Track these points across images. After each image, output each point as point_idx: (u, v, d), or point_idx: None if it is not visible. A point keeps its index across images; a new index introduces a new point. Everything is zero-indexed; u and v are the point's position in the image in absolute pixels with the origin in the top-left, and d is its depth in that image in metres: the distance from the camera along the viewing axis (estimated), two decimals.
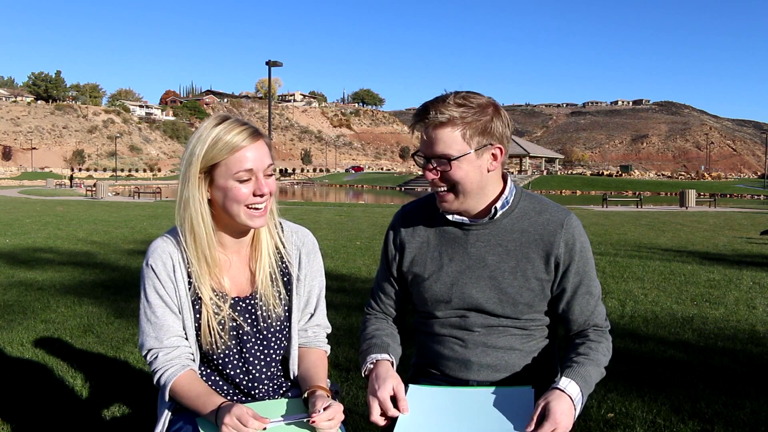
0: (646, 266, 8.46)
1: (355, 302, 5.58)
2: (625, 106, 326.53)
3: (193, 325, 1.63)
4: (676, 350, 4.36)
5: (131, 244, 10.73)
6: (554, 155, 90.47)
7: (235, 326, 1.65)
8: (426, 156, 1.58)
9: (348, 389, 3.45)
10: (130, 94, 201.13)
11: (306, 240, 1.78)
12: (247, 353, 1.66)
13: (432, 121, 1.54)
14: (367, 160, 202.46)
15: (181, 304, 1.62)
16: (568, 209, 1.70)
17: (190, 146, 1.56)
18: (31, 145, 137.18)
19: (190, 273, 1.63)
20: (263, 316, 1.67)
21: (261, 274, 1.67)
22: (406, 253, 1.75)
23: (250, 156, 1.55)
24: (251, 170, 1.55)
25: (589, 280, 1.66)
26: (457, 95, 1.56)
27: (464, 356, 1.68)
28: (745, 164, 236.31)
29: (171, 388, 1.57)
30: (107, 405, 3.20)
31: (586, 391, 1.55)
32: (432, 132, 1.54)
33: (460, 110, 1.53)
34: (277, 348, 1.71)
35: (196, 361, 1.65)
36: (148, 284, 1.62)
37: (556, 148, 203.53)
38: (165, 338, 1.60)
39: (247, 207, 1.58)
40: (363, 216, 19.82)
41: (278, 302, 1.69)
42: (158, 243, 1.66)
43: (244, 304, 1.67)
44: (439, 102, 1.55)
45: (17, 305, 5.65)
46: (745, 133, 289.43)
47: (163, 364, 1.59)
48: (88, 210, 21.88)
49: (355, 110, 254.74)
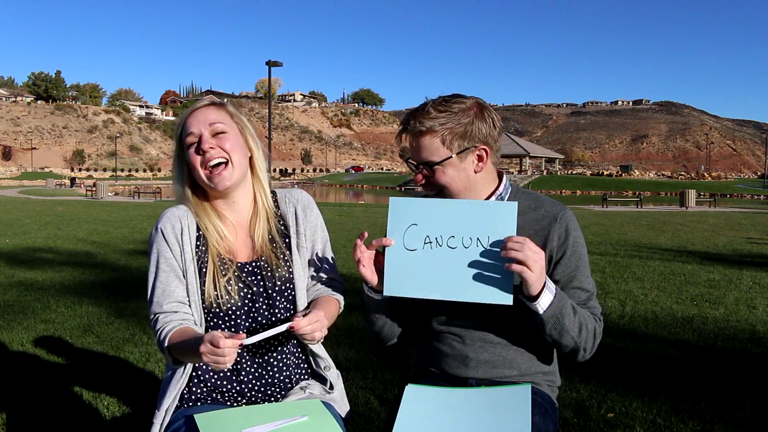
0: (646, 266, 8.46)
1: (356, 302, 5.52)
2: (625, 106, 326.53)
3: (198, 289, 1.65)
4: (676, 350, 4.36)
5: (131, 244, 10.73)
6: (554, 155, 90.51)
7: (243, 287, 1.67)
8: (414, 162, 1.65)
9: (348, 389, 3.44)
10: (130, 94, 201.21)
11: (300, 197, 1.83)
12: (255, 313, 1.68)
13: (412, 130, 1.60)
14: (367, 160, 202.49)
15: (186, 268, 1.65)
16: (564, 205, 1.71)
17: None
18: (31, 145, 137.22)
19: (200, 237, 1.69)
20: (269, 277, 1.69)
21: (260, 240, 1.71)
22: None
23: (194, 120, 1.66)
24: (193, 132, 1.64)
25: (581, 275, 1.64)
26: (437, 102, 1.61)
27: (463, 352, 1.69)
28: (745, 164, 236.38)
29: (168, 343, 1.58)
30: (107, 405, 3.20)
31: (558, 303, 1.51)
32: (414, 140, 1.62)
33: (439, 117, 1.58)
34: (284, 309, 1.72)
35: (198, 324, 1.65)
36: (155, 248, 1.67)
37: (556, 148, 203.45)
38: (165, 303, 1.63)
39: (205, 169, 1.65)
40: (363, 216, 19.82)
41: (282, 263, 1.72)
42: (170, 209, 1.72)
43: (250, 267, 1.70)
44: (419, 111, 1.61)
45: (17, 305, 5.65)
46: (745, 133, 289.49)
47: (162, 324, 1.62)
48: (88, 210, 21.88)
49: (355, 110, 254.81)
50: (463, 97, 1.63)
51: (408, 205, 1.55)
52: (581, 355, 1.61)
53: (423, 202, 1.55)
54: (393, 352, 4.09)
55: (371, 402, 3.29)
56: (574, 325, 1.54)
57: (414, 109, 1.63)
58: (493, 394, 1.58)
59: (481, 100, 1.65)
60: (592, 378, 3.59)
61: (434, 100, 1.63)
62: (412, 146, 1.63)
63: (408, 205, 1.55)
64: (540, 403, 1.62)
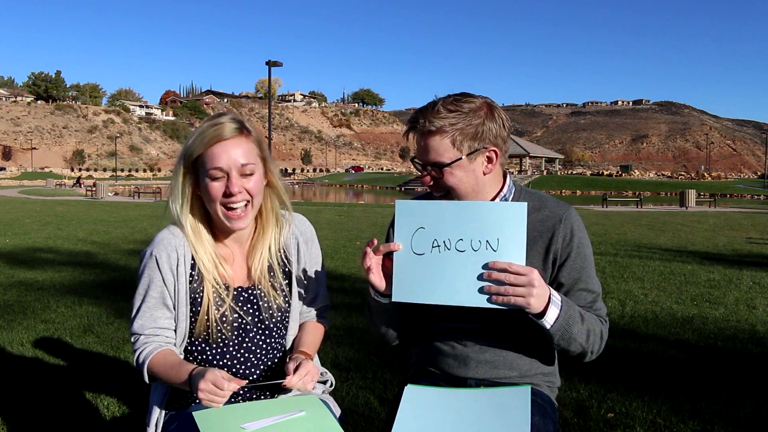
0: (646, 266, 8.46)
1: (356, 302, 5.57)
2: (625, 106, 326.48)
3: (187, 318, 1.63)
4: (676, 350, 4.36)
5: (131, 244, 10.72)
6: (554, 155, 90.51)
7: (237, 317, 1.65)
8: (421, 162, 1.60)
9: (348, 389, 3.45)
10: (130, 94, 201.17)
11: (304, 229, 1.79)
12: (249, 342, 1.66)
13: (421, 129, 1.55)
14: (367, 160, 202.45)
15: (178, 300, 1.62)
16: (569, 205, 1.69)
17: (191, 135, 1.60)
18: (31, 145, 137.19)
19: (194, 266, 1.63)
20: (264, 307, 1.67)
21: (257, 269, 1.67)
22: None
23: (223, 153, 1.53)
24: (221, 168, 1.53)
25: (587, 276, 1.62)
26: (447, 101, 1.55)
27: (463, 353, 1.68)
28: (745, 164, 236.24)
29: (148, 365, 1.58)
30: (107, 405, 3.20)
31: (565, 315, 1.49)
32: (422, 140, 1.56)
33: (449, 117, 1.53)
34: (278, 337, 1.72)
35: (178, 346, 1.65)
36: (147, 273, 1.61)
37: (556, 148, 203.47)
38: (148, 327, 1.61)
39: (223, 206, 1.57)
40: (363, 216, 19.81)
41: (278, 294, 1.70)
42: (164, 234, 1.63)
43: (246, 294, 1.67)
44: (428, 110, 1.54)
45: (17, 305, 5.65)
46: (745, 133, 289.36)
47: (142, 345, 1.61)
48: (88, 210, 21.88)
49: (355, 110, 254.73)
50: (473, 96, 1.58)
51: (415, 208, 1.50)
52: (588, 358, 1.60)
53: (430, 205, 1.50)
54: (393, 352, 4.09)
55: (371, 402, 3.28)
56: (582, 333, 1.53)
57: (423, 108, 1.57)
58: (492, 394, 1.58)
59: (489, 99, 1.61)
60: (592, 378, 3.59)
61: (444, 98, 1.57)
62: (420, 146, 1.58)
63: (415, 208, 1.50)
64: (540, 404, 1.61)
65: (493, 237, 1.44)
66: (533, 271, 1.42)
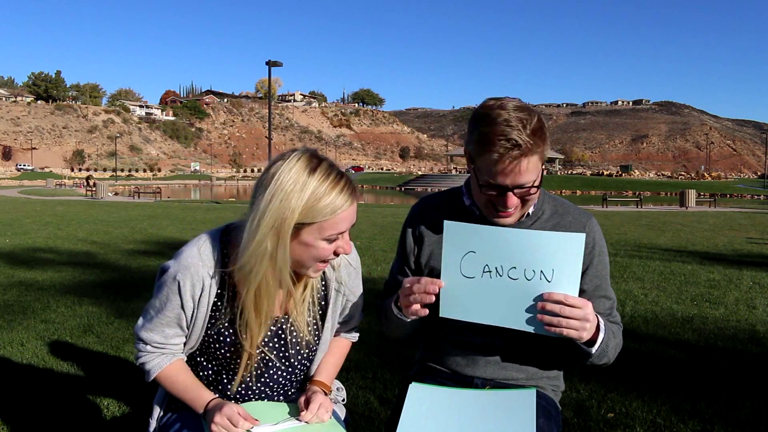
0: (646, 266, 8.46)
1: None
2: (625, 106, 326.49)
3: (200, 335, 1.55)
4: (676, 350, 4.36)
5: (131, 244, 10.72)
6: (554, 155, 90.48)
7: (259, 352, 1.56)
8: (510, 186, 1.47)
9: (348, 389, 3.44)
10: (130, 94, 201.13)
11: (351, 258, 1.66)
12: (268, 379, 1.60)
13: (526, 150, 1.44)
14: (367, 160, 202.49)
15: (193, 326, 1.53)
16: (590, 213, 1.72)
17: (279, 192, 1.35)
18: (31, 145, 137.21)
19: (220, 296, 1.52)
20: (292, 343, 1.58)
21: (297, 297, 1.56)
22: (424, 246, 1.72)
23: (348, 217, 1.42)
24: (341, 230, 1.43)
25: (606, 283, 1.66)
26: (532, 118, 1.45)
27: (474, 352, 1.68)
28: (745, 164, 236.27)
29: (159, 375, 1.55)
30: (107, 405, 3.20)
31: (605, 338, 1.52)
32: (520, 162, 1.44)
33: (542, 134, 1.47)
34: (300, 374, 1.65)
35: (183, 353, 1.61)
36: (166, 292, 1.49)
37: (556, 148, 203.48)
38: (157, 342, 1.54)
39: (320, 262, 1.46)
40: (363, 216, 19.81)
41: (310, 329, 1.60)
42: (193, 260, 1.48)
43: (275, 328, 1.57)
44: (524, 128, 1.43)
45: (17, 305, 5.65)
46: (745, 133, 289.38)
47: (150, 354, 1.55)
48: (88, 210, 21.87)
49: (355, 110, 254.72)
50: (531, 108, 1.53)
51: (464, 231, 1.47)
52: (605, 365, 1.63)
53: (481, 230, 1.47)
54: (393, 351, 4.09)
55: (371, 402, 3.28)
56: (613, 349, 1.57)
57: (515, 126, 1.42)
58: (498, 396, 1.58)
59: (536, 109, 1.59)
60: (592, 378, 3.59)
61: (520, 114, 1.44)
62: (516, 168, 1.44)
63: (464, 231, 1.47)
64: (545, 407, 1.62)
65: (548, 267, 1.42)
66: (588, 304, 1.43)
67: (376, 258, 9.04)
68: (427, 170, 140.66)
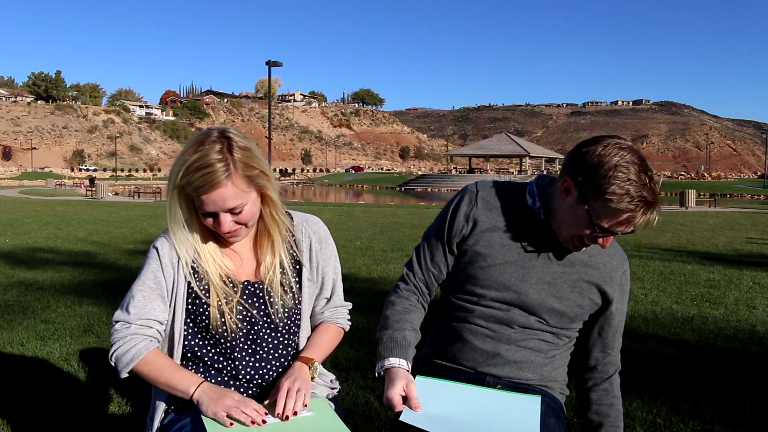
0: (646, 266, 8.46)
1: (355, 302, 5.52)
2: (625, 106, 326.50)
3: (182, 313, 1.62)
4: (676, 350, 4.36)
5: (131, 244, 10.73)
6: (554, 155, 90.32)
7: (242, 309, 1.63)
8: (618, 233, 1.53)
9: (348, 389, 3.45)
10: (130, 94, 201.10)
11: (317, 228, 1.77)
12: (255, 335, 1.64)
13: (654, 208, 1.49)
14: (367, 160, 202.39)
15: (176, 294, 1.61)
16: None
17: (178, 158, 1.52)
18: (31, 145, 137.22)
19: (195, 266, 1.62)
20: (270, 302, 1.66)
21: (267, 264, 1.66)
22: (477, 229, 1.66)
23: (210, 203, 1.50)
24: (208, 212, 1.53)
25: (624, 320, 1.80)
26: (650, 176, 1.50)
27: (495, 349, 1.66)
28: (745, 164, 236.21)
29: (140, 361, 1.55)
30: (107, 405, 3.20)
31: None
32: (648, 216, 1.49)
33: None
34: (287, 333, 1.70)
35: (176, 347, 1.64)
36: (148, 262, 1.63)
37: (556, 148, 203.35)
38: (141, 318, 1.58)
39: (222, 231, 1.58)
40: (363, 216, 19.81)
41: (286, 292, 1.68)
42: (166, 237, 1.66)
43: (253, 288, 1.66)
44: (654, 187, 1.49)
45: (17, 305, 5.65)
46: (745, 133, 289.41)
47: (131, 339, 1.56)
48: (88, 210, 21.88)
49: (355, 110, 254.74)
50: None
51: (431, 387, 1.60)
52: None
53: (448, 387, 1.61)
54: None
55: (371, 402, 3.28)
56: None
57: (647, 185, 1.47)
58: (504, 397, 1.59)
59: None
60: None
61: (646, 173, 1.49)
62: (631, 220, 1.49)
63: (431, 387, 1.60)
64: (554, 407, 1.66)
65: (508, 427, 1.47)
66: None
67: (376, 258, 9.04)
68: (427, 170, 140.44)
